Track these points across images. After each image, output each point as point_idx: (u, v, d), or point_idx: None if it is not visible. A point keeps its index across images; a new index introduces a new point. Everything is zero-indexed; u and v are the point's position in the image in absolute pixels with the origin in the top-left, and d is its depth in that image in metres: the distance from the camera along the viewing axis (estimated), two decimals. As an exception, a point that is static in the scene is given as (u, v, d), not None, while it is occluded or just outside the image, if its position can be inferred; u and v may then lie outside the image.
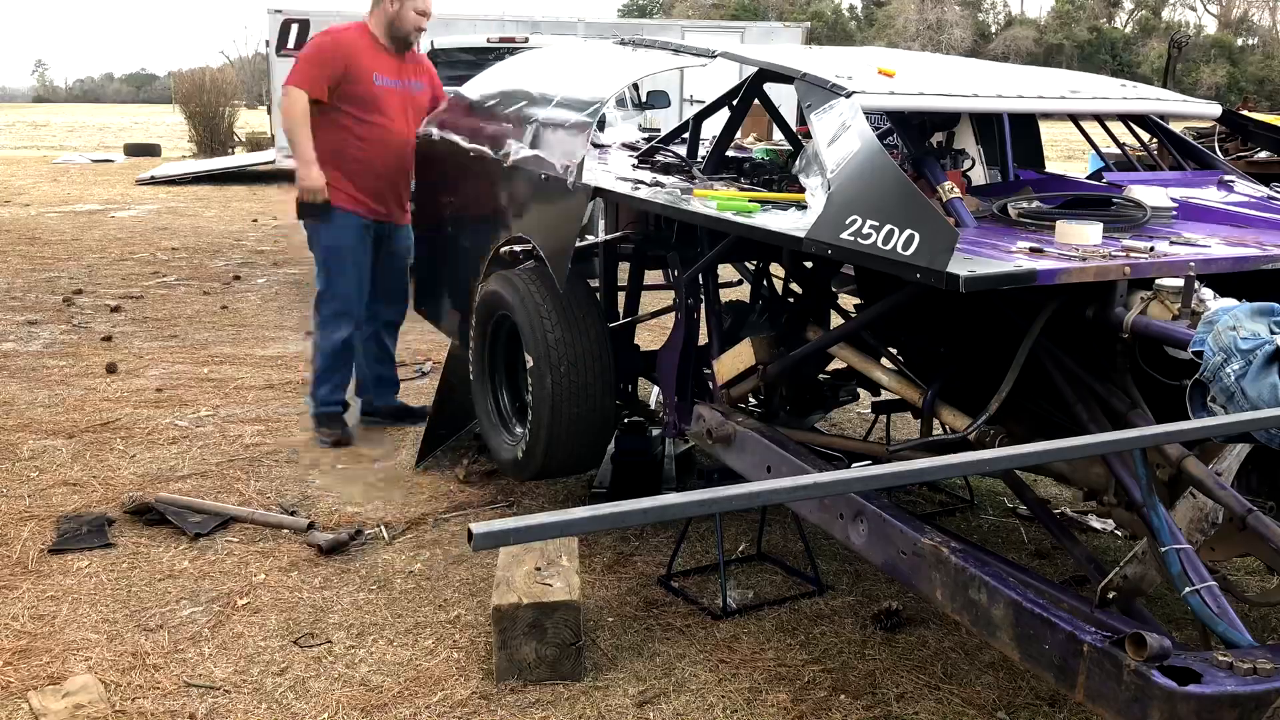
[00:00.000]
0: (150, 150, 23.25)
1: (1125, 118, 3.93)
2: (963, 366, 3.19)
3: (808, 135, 3.47)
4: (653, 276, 4.30)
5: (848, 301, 4.17)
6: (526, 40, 10.82)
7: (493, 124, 4.42)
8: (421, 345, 6.76)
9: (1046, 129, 4.62)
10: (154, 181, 17.37)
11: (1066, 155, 16.03)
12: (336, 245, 4.70)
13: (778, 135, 4.87)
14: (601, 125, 4.65)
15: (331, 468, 4.61)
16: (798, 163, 3.47)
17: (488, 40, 11.08)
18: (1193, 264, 2.60)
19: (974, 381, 3.07)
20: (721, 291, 3.82)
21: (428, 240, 4.94)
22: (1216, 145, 8.10)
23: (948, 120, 3.99)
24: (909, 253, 2.37)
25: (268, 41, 15.75)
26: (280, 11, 15.16)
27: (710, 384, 3.60)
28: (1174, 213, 3.29)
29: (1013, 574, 2.47)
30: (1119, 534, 3.88)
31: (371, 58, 4.63)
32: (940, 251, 2.32)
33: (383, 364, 5.10)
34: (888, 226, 2.45)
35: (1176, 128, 4.33)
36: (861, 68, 3.27)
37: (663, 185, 3.51)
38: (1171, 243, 2.84)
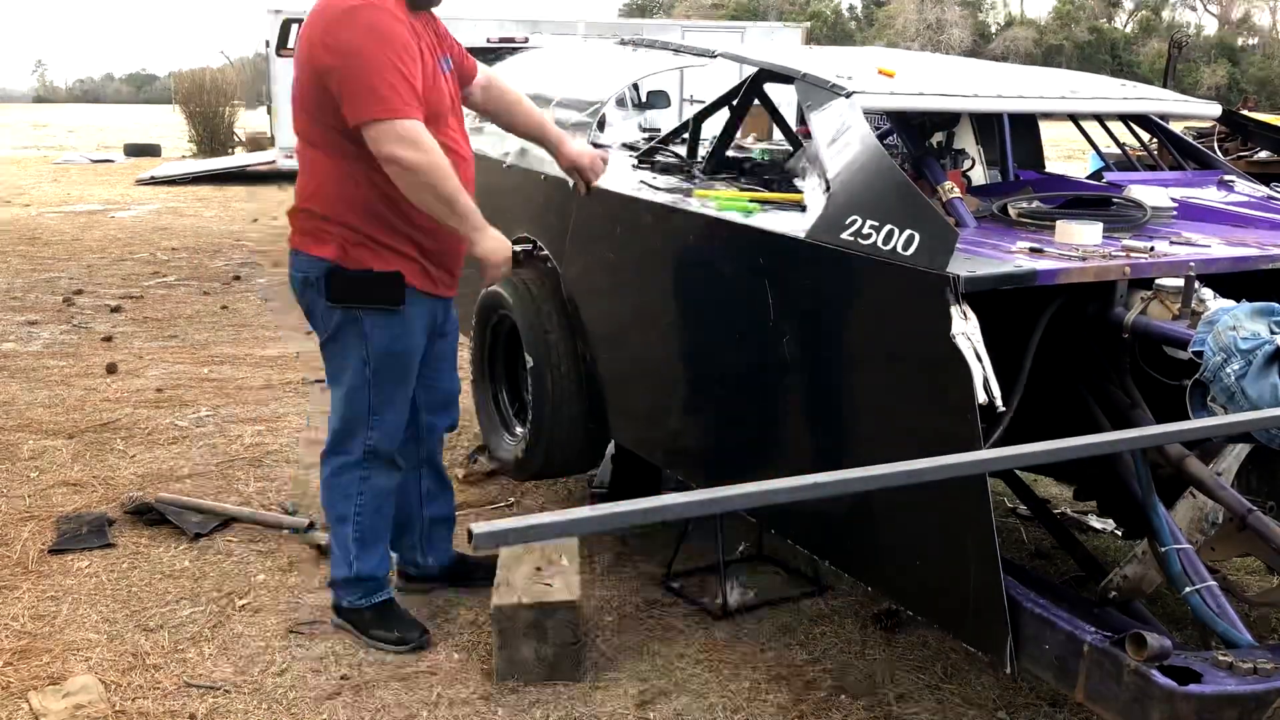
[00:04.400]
0: (150, 150, 23.22)
1: (1125, 118, 3.93)
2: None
3: (808, 135, 3.47)
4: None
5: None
6: (526, 40, 10.83)
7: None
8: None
9: (1046, 129, 4.62)
10: (154, 181, 17.37)
11: (1066, 155, 16.02)
12: (400, 349, 3.06)
13: (778, 135, 4.87)
14: (602, 125, 4.64)
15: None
16: (797, 163, 3.48)
17: (488, 40, 11.09)
18: (1193, 264, 2.60)
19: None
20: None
21: None
22: (1216, 145, 8.10)
23: (948, 120, 4.00)
24: (909, 253, 2.37)
25: (267, 41, 15.75)
26: (280, 11, 15.16)
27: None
28: (1174, 213, 3.30)
29: (1013, 574, 2.46)
30: (1119, 534, 3.88)
31: (413, 34, 2.89)
32: (940, 252, 2.32)
33: (436, 500, 3.47)
34: (888, 226, 2.45)
35: (1176, 128, 4.33)
36: (861, 68, 3.27)
37: (663, 185, 3.51)
38: (1171, 243, 2.84)
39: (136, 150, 23.21)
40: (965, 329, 2.22)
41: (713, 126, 4.07)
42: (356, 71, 2.75)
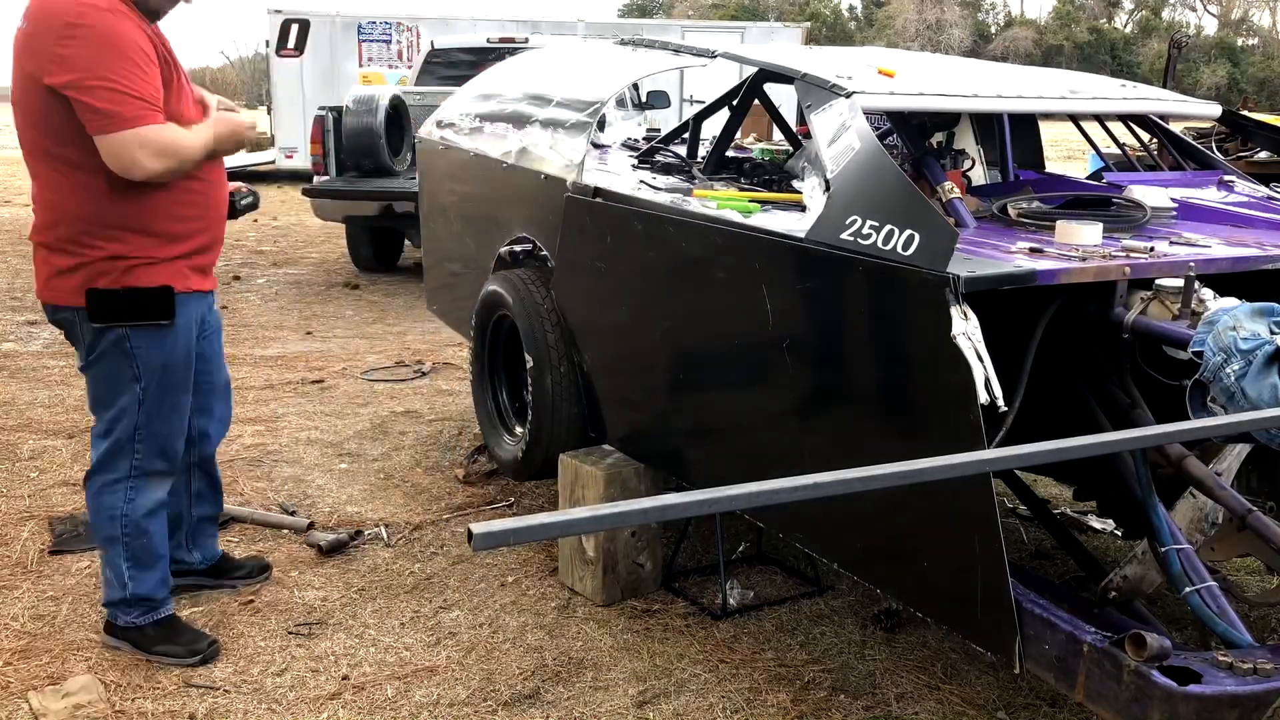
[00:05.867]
0: (150, 150, 23.19)
1: (1125, 118, 3.93)
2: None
3: (808, 135, 3.47)
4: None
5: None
6: (526, 40, 10.83)
7: (493, 125, 4.42)
8: (421, 345, 6.77)
9: (1046, 129, 4.62)
10: (154, 181, 17.33)
11: (1066, 155, 16.03)
12: (174, 361, 2.99)
13: (778, 135, 4.87)
14: (602, 125, 4.64)
15: (333, 468, 4.61)
16: (797, 163, 3.48)
17: (488, 40, 11.09)
18: (1193, 264, 2.60)
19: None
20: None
21: (438, 240, 4.96)
22: (1216, 145, 8.10)
23: (948, 120, 3.99)
24: (909, 253, 2.37)
25: (267, 42, 15.76)
26: (280, 12, 15.17)
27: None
28: (1174, 213, 3.29)
29: (1014, 574, 2.46)
30: (1119, 534, 3.88)
31: (150, 43, 2.82)
32: (940, 252, 2.32)
33: (205, 501, 3.44)
34: (888, 226, 2.45)
35: (1176, 128, 4.33)
36: (861, 68, 3.27)
37: (663, 185, 3.51)
38: (1171, 243, 2.84)
39: (136, 150, 23.16)
40: (966, 329, 2.22)
41: (713, 126, 4.08)
42: (92, 83, 2.65)
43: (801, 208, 2.93)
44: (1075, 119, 4.17)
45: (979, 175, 4.12)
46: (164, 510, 3.11)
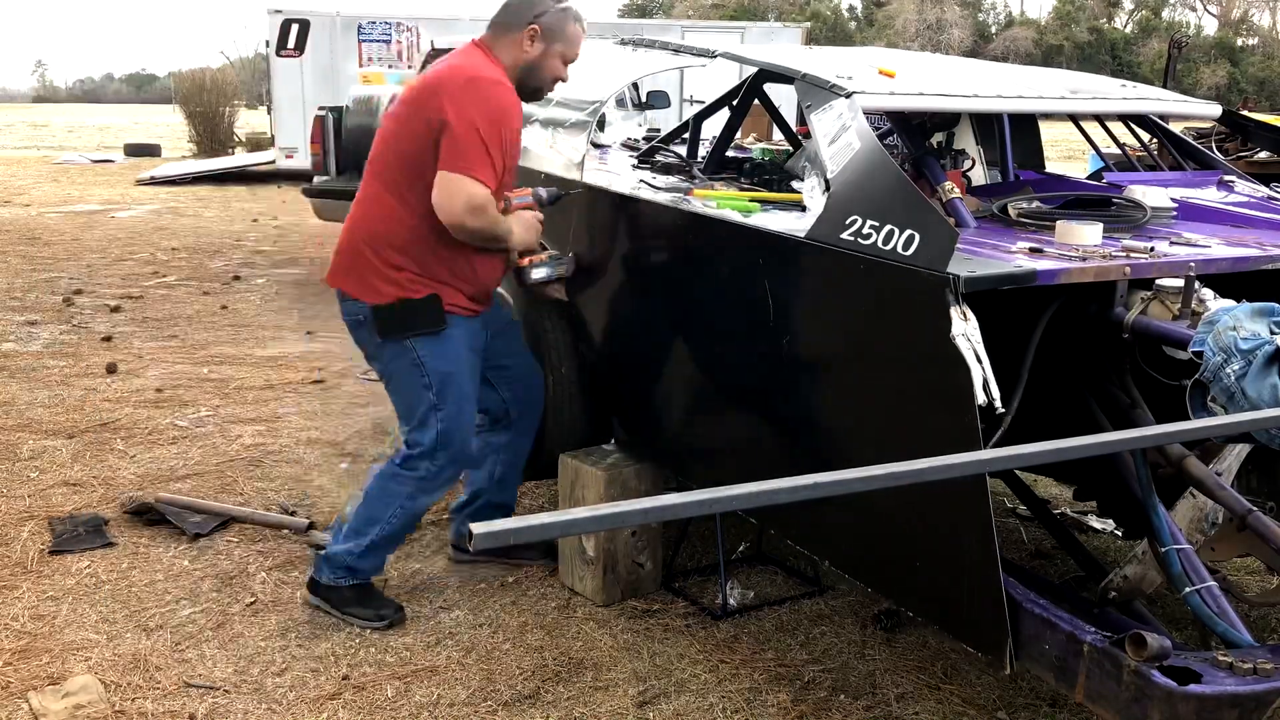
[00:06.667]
0: (150, 150, 23.22)
1: (1125, 118, 3.93)
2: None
3: (808, 135, 3.47)
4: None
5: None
6: (527, 40, 10.80)
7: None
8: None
9: (1046, 129, 4.62)
10: (154, 181, 17.37)
11: (1066, 155, 16.02)
12: (453, 369, 3.21)
13: (778, 135, 4.87)
14: (602, 125, 4.63)
15: (333, 468, 4.60)
16: (797, 163, 3.48)
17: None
18: (1193, 264, 2.60)
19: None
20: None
21: None
22: (1216, 145, 8.10)
23: (948, 120, 3.99)
24: (909, 253, 2.37)
25: (268, 42, 15.75)
26: (280, 12, 15.16)
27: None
28: (1174, 213, 3.29)
29: (1013, 574, 2.47)
30: (1119, 534, 3.88)
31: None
32: (940, 252, 2.32)
33: (507, 487, 3.72)
34: (888, 226, 2.45)
35: (1176, 128, 4.33)
36: (861, 68, 3.27)
37: (663, 185, 3.51)
38: (1171, 243, 2.84)
39: (136, 150, 23.20)
40: (965, 329, 2.22)
41: (713, 126, 4.07)
42: (471, 135, 2.99)
43: (801, 208, 2.93)
44: (1075, 119, 4.17)
45: (979, 175, 4.12)
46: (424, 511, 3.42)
